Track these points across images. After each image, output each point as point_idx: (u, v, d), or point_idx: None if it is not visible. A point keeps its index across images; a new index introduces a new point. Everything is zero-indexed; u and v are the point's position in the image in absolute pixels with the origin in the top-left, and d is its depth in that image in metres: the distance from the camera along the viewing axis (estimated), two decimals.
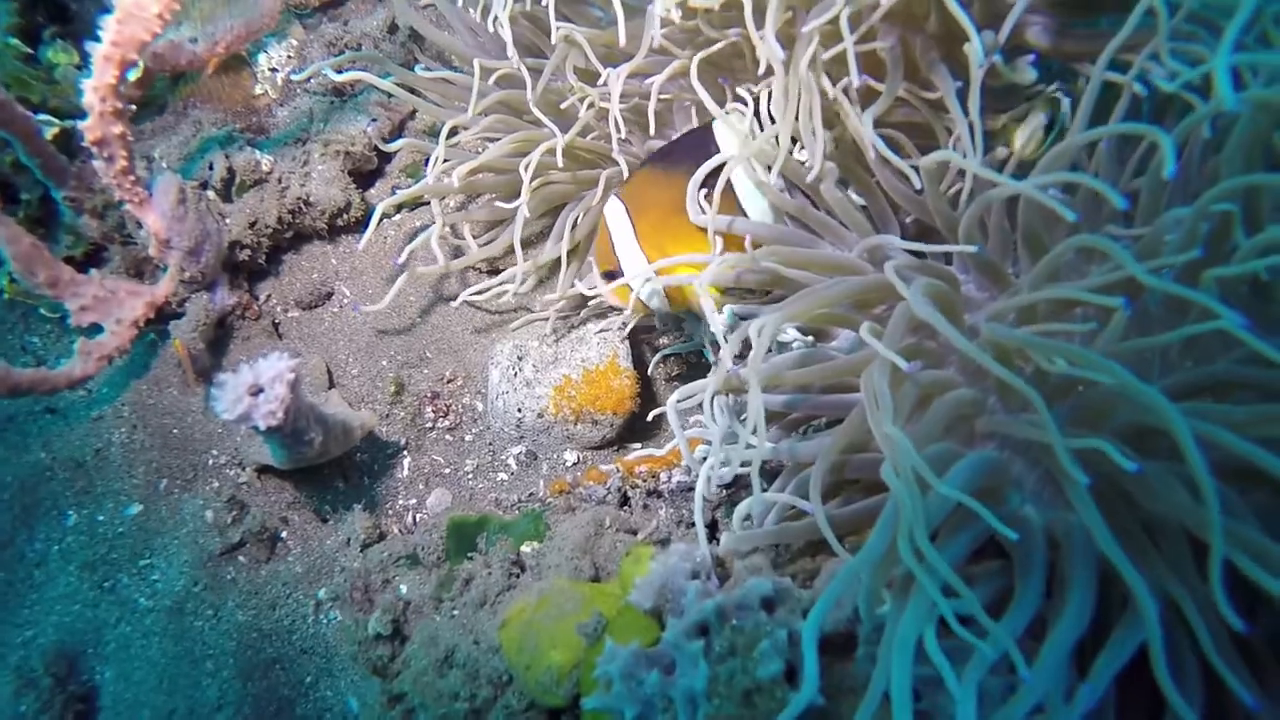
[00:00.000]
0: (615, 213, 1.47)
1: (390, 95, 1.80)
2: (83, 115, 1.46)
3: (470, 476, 1.83)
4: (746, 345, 1.29)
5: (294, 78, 1.92)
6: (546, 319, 1.82)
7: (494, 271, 1.92)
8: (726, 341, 1.48)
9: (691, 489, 1.58)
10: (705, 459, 1.26)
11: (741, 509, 1.20)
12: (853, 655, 1.04)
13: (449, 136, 1.70)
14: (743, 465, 1.29)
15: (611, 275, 1.52)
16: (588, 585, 1.28)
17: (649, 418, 1.69)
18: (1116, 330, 1.09)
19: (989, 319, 1.30)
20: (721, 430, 1.27)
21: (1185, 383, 1.12)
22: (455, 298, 1.90)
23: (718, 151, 1.42)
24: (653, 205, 1.44)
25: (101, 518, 1.61)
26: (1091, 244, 1.00)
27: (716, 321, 1.32)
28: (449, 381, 1.89)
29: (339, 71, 1.74)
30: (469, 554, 1.54)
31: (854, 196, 1.49)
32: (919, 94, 1.41)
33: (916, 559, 0.85)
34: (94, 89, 1.39)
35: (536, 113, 1.63)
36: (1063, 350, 0.94)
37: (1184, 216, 1.03)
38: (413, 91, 1.83)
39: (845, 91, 1.36)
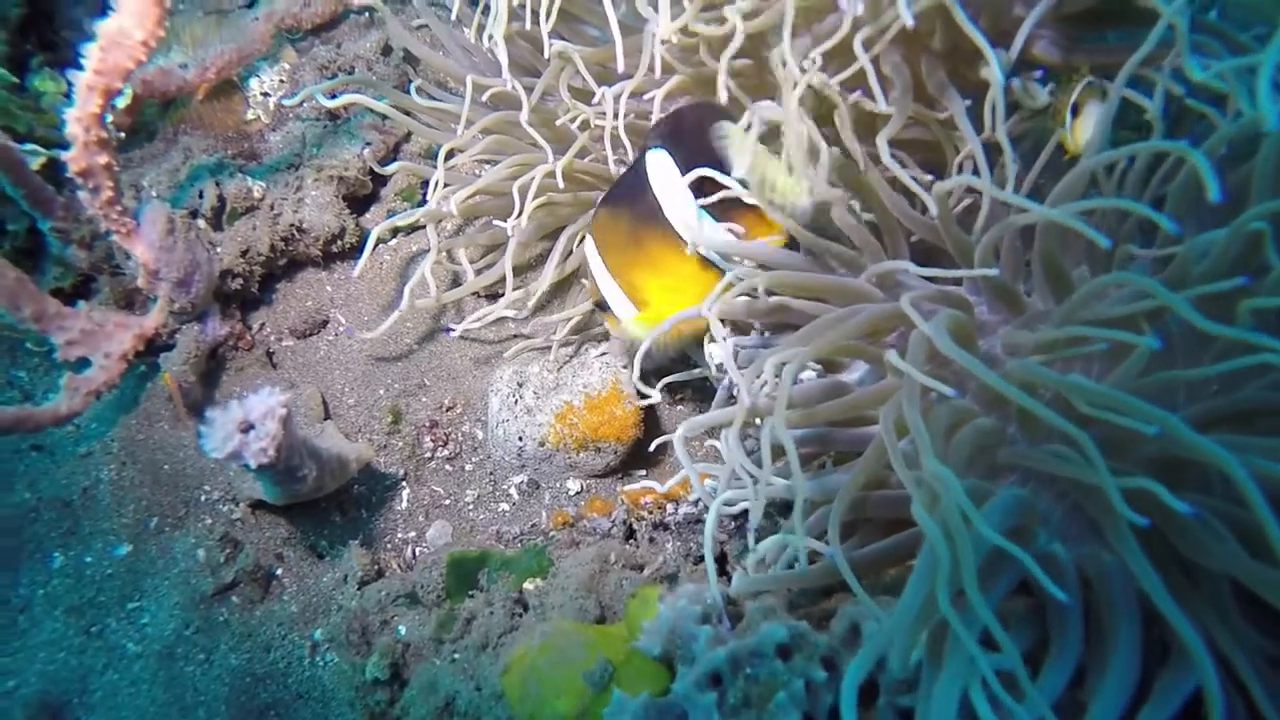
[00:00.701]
0: (589, 249, 1.49)
1: (385, 118, 1.77)
2: (67, 145, 1.42)
3: (471, 507, 1.78)
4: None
5: (285, 103, 1.89)
6: (547, 346, 1.78)
7: (493, 297, 1.88)
8: (732, 372, 1.44)
9: (698, 521, 1.54)
10: (716, 495, 1.21)
11: (759, 551, 1.15)
12: (874, 704, 0.99)
13: (445, 160, 1.67)
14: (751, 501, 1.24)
15: (601, 305, 1.52)
16: (593, 628, 1.23)
17: (652, 447, 1.64)
18: (1141, 360, 1.05)
19: (1005, 345, 1.26)
20: (733, 466, 1.22)
21: (1212, 410, 1.08)
22: (454, 325, 1.86)
23: (647, 182, 1.42)
24: (611, 240, 1.46)
25: (89, 559, 1.55)
26: (1128, 281, 0.95)
27: (726, 353, 1.28)
28: (448, 410, 1.85)
29: (332, 96, 1.71)
30: (470, 591, 1.49)
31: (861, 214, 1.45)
32: (927, 113, 1.37)
33: (957, 613, 0.80)
34: (77, 119, 1.35)
35: (531, 132, 1.59)
36: (1109, 399, 0.89)
37: (1214, 241, 0.98)
38: (407, 114, 1.80)
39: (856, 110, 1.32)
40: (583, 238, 1.76)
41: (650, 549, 1.51)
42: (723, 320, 1.39)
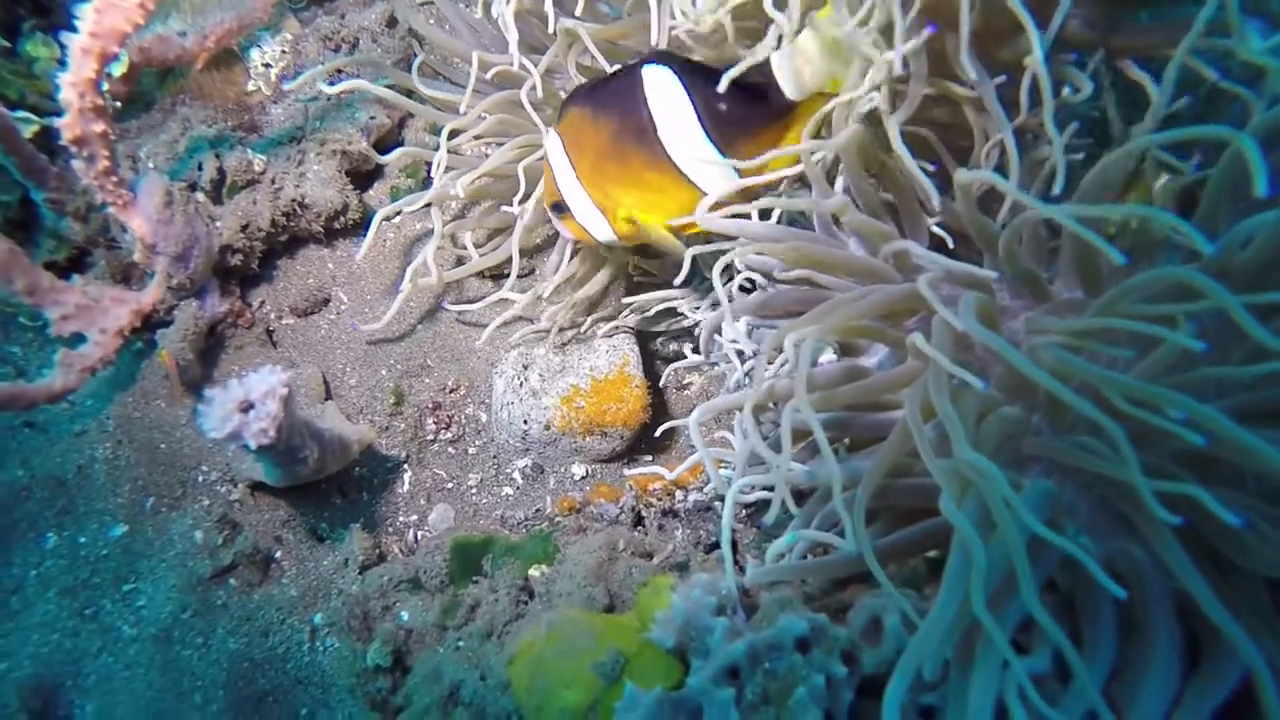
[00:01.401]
0: (554, 148, 1.39)
1: (390, 87, 1.72)
2: (61, 113, 1.37)
3: (474, 491, 1.75)
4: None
5: (286, 86, 1.84)
6: (550, 330, 1.75)
7: (498, 278, 1.84)
8: (747, 349, 1.40)
9: (708, 508, 1.51)
10: (731, 482, 1.18)
11: (778, 546, 1.11)
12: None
13: (449, 140, 1.62)
14: (767, 489, 1.21)
15: (557, 207, 1.44)
16: (602, 617, 1.20)
17: (658, 432, 1.61)
18: (1172, 353, 1.01)
19: (1029, 331, 1.22)
20: (748, 450, 1.19)
21: (1246, 405, 1.04)
22: (458, 305, 1.82)
23: (644, 98, 1.33)
24: (587, 147, 1.37)
25: (83, 539, 1.52)
26: (1180, 277, 0.91)
27: (740, 332, 1.24)
28: (451, 391, 1.81)
29: (332, 81, 1.68)
30: (474, 577, 1.46)
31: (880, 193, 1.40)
32: (958, 91, 1.32)
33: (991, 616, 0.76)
34: (71, 84, 1.30)
35: (530, 112, 1.53)
36: (1149, 394, 0.85)
37: (1260, 224, 0.94)
38: (410, 94, 1.75)
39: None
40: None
41: (659, 536, 1.48)
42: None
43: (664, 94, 1.33)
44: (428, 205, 1.70)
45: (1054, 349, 1.04)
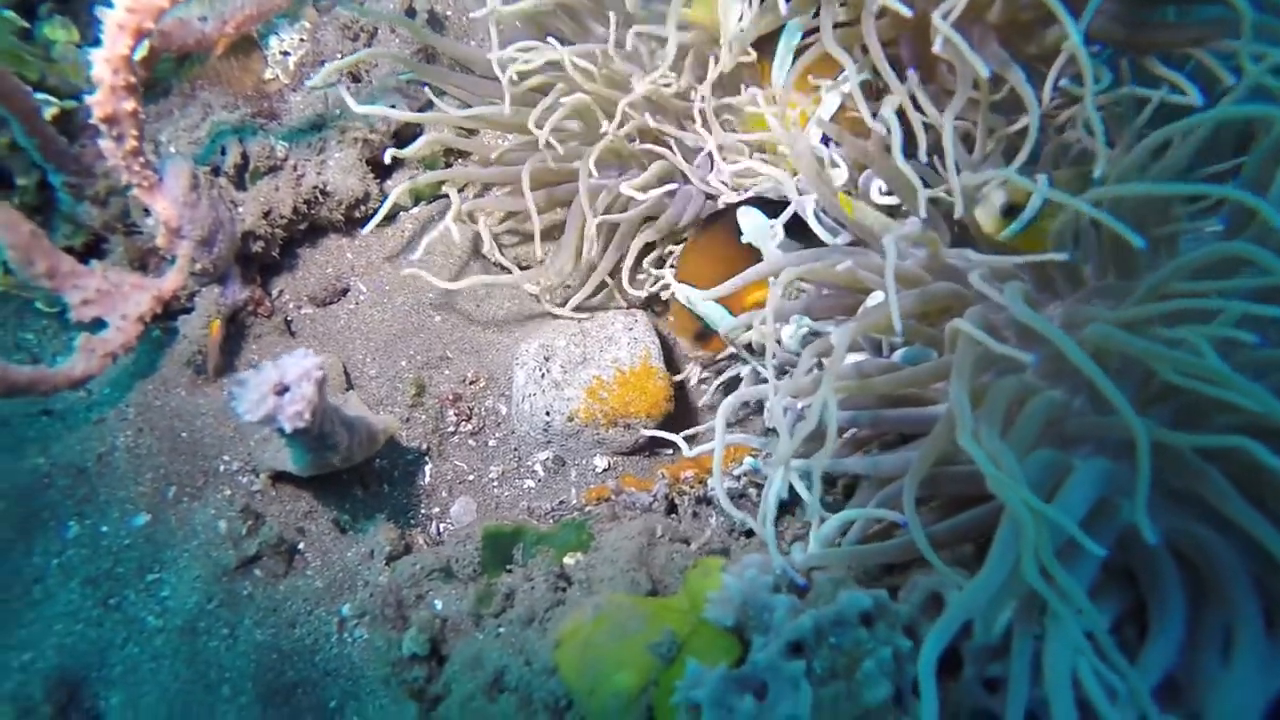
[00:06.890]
0: (681, 290, 1.56)
1: (410, 81, 1.72)
2: (79, 96, 1.35)
3: (495, 484, 1.73)
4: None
5: (307, 84, 1.84)
6: (572, 318, 1.76)
7: (520, 267, 1.84)
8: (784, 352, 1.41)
9: (743, 495, 1.51)
10: (776, 470, 1.18)
11: (825, 531, 1.12)
12: (957, 674, 0.96)
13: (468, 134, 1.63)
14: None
15: (700, 335, 1.60)
16: (650, 600, 1.19)
17: (659, 436, 1.64)
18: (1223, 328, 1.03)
19: (1069, 320, 1.24)
20: (788, 442, 1.20)
21: None
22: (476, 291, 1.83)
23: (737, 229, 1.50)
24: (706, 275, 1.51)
25: (105, 529, 1.48)
26: (1240, 253, 0.93)
27: (781, 335, 1.27)
28: (471, 383, 1.80)
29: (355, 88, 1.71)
30: (506, 566, 1.44)
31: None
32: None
33: (1047, 584, 0.77)
34: (105, 60, 1.27)
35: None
36: (1204, 370, 0.87)
37: None
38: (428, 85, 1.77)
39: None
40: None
41: (694, 524, 1.48)
42: None
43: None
44: (444, 195, 1.70)
45: (1101, 325, 1.06)
